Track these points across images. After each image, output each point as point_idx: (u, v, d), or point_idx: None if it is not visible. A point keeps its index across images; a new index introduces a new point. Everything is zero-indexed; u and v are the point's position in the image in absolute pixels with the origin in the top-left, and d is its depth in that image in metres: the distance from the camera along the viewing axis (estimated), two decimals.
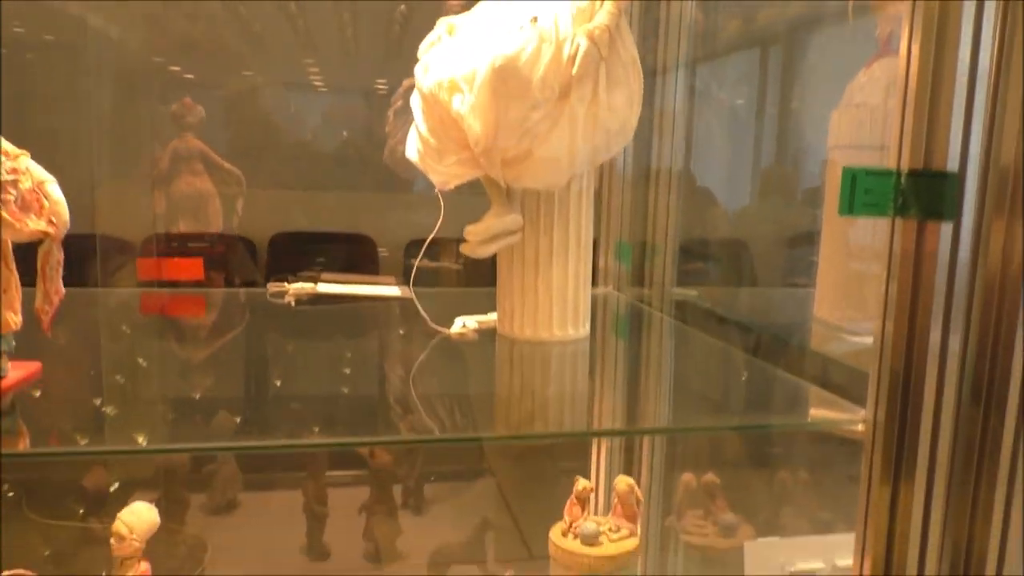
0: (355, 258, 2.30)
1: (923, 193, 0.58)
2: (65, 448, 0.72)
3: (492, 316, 0.99)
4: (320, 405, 0.82)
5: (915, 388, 0.62)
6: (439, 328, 0.96)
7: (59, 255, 0.68)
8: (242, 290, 1.27)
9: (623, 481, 1.15)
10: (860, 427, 0.65)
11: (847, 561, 1.28)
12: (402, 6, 2.06)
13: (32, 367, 0.76)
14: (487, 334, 0.97)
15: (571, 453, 1.21)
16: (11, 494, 1.60)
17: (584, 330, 0.94)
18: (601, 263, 1.35)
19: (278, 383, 0.88)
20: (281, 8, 2.10)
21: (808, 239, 1.32)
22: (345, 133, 2.44)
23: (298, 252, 2.28)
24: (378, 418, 0.79)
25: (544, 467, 2.19)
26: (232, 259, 2.17)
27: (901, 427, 0.63)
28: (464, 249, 0.86)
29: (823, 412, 0.74)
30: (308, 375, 0.91)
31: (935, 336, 0.60)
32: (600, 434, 1.11)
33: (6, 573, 1.09)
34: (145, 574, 1.16)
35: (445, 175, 0.84)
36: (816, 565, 1.28)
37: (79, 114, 1.75)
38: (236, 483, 1.80)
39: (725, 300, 1.40)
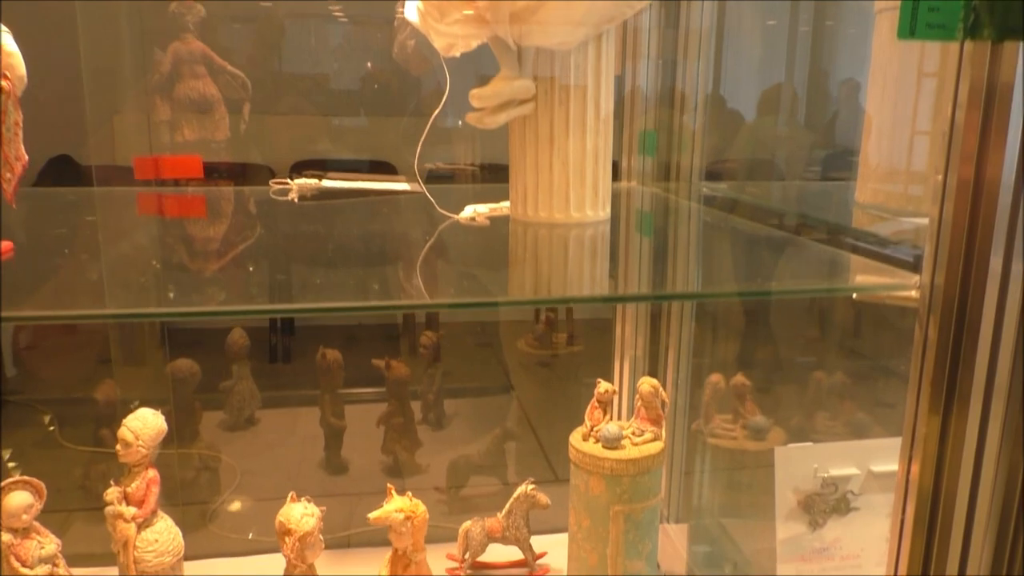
0: None
1: (999, 7, 0.49)
2: (69, 311, 0.67)
3: (505, 204, 0.92)
4: (326, 278, 0.76)
5: (980, 247, 0.54)
6: (448, 214, 0.89)
7: (17, 115, 0.61)
8: (244, 188, 1.20)
9: (647, 382, 1.09)
10: (914, 293, 0.57)
11: (883, 467, 1.22)
12: None
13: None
14: (500, 220, 0.90)
15: (593, 367, 1.16)
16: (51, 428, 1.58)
17: (605, 212, 0.87)
18: (624, 163, 1.26)
19: (278, 263, 0.81)
20: None
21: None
22: (369, 64, 2.37)
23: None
24: (390, 287, 0.72)
25: (566, 384, 2.14)
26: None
27: (963, 291, 0.55)
28: (470, 118, 0.78)
29: (872, 278, 0.67)
30: (313, 255, 0.84)
31: (1008, 179, 0.51)
32: (625, 299, 1.05)
33: (8, 480, 1.06)
34: (154, 481, 1.13)
35: (448, 36, 0.76)
36: (850, 471, 1.22)
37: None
38: (254, 400, 1.78)
39: (759, 192, 1.31)
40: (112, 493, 1.10)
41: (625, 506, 1.06)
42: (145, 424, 1.10)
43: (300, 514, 0.94)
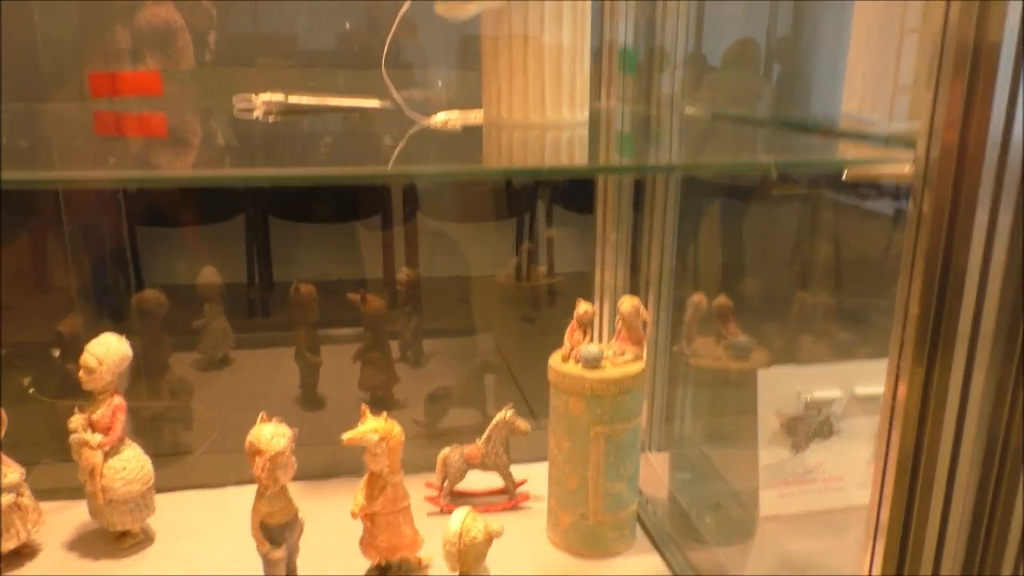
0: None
1: None
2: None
3: (479, 111, 0.88)
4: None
5: (979, 114, 0.51)
6: (419, 118, 0.85)
7: None
8: (207, 106, 1.15)
9: (628, 301, 1.06)
10: (907, 168, 0.54)
11: (866, 389, 1.20)
12: None
13: None
14: (474, 127, 0.86)
15: (573, 299, 1.12)
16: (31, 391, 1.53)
17: (583, 114, 0.83)
18: (603, 90, 1.22)
19: (245, 161, 0.77)
20: None
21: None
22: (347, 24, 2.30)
23: None
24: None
25: (545, 325, 2.12)
26: None
27: (959, 165, 0.52)
28: (439, 8, 0.74)
29: (864, 153, 0.64)
30: (282, 157, 0.80)
31: (1010, 39, 0.48)
32: (605, 171, 1.01)
33: None
34: (120, 408, 1.09)
35: None
36: (833, 394, 1.20)
37: None
38: (228, 340, 1.74)
39: (747, 113, 1.27)
40: (77, 420, 1.07)
41: (606, 427, 1.04)
42: (109, 349, 1.07)
43: (271, 434, 0.91)
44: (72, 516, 1.17)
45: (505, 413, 1.18)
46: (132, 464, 1.08)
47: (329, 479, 1.30)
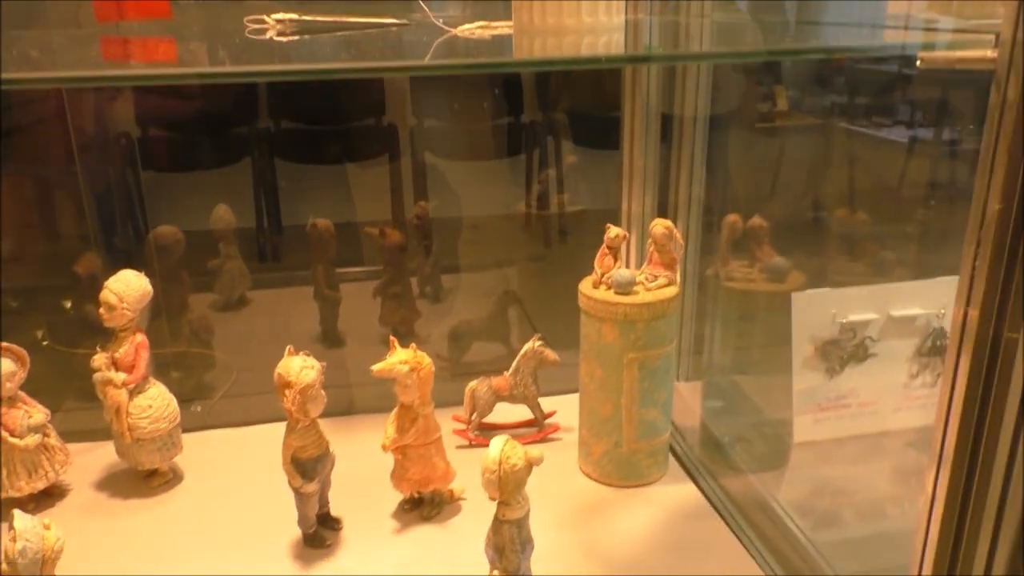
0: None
1: None
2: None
3: (508, 22, 0.83)
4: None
5: None
6: (446, 28, 0.80)
7: None
8: (218, 27, 1.10)
9: (660, 224, 1.03)
10: (990, 52, 0.50)
11: (905, 311, 1.17)
12: None
13: None
14: (503, 36, 0.82)
15: (596, 234, 1.09)
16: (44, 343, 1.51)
17: (619, 18, 0.78)
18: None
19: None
20: None
21: None
22: None
23: None
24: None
25: (566, 260, 2.08)
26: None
27: None
28: None
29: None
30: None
31: None
32: (642, 59, 0.96)
33: None
34: (142, 345, 1.07)
35: None
36: (869, 316, 1.17)
37: None
38: (245, 280, 1.71)
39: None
40: (99, 359, 1.05)
41: (639, 353, 1.02)
42: (128, 286, 1.04)
43: (299, 366, 0.89)
44: (100, 457, 1.16)
45: (533, 343, 1.16)
46: (157, 402, 1.07)
47: (352, 416, 1.28)
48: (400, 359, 0.95)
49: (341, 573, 0.93)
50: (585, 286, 1.05)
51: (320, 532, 0.98)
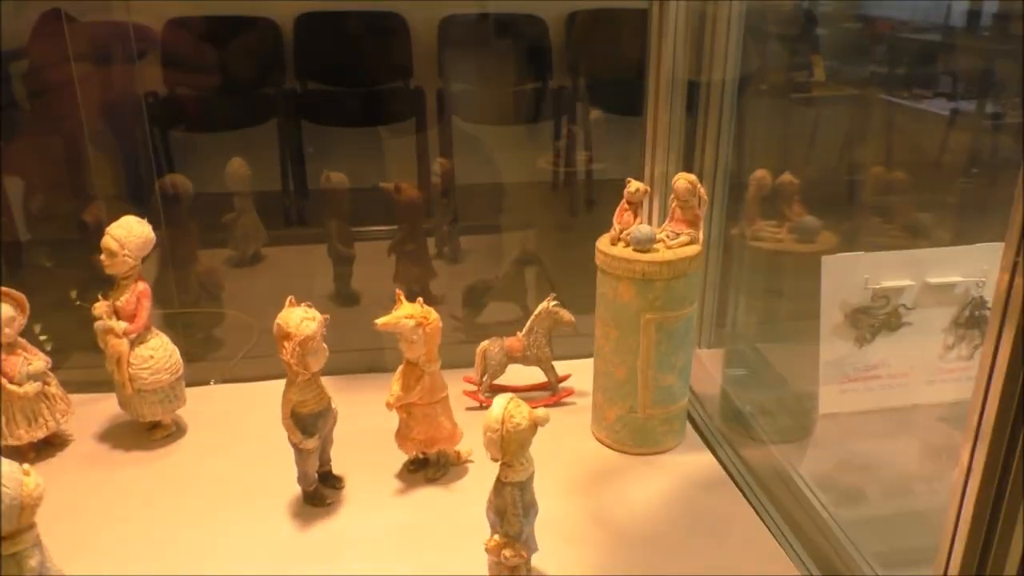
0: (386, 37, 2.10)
1: None
2: None
3: None
4: None
5: None
6: None
7: None
8: None
9: (683, 178, 0.97)
10: None
11: (943, 278, 1.11)
12: None
13: None
14: None
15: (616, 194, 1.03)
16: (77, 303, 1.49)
17: None
18: None
19: None
20: None
21: None
22: None
23: (327, 32, 2.06)
24: None
25: (587, 225, 2.03)
26: (253, 43, 1.96)
27: None
28: None
29: None
30: None
31: None
32: None
33: None
34: (144, 294, 1.04)
35: None
36: (903, 282, 1.11)
37: None
38: (260, 236, 1.68)
39: None
40: (101, 307, 1.02)
41: (658, 314, 0.97)
42: (130, 232, 1.01)
43: (300, 318, 0.85)
44: (103, 408, 1.13)
45: (548, 303, 1.11)
46: (159, 353, 1.04)
47: (366, 375, 1.25)
48: (406, 313, 0.91)
49: (339, 532, 0.90)
50: (602, 243, 1.00)
51: (320, 490, 0.95)
